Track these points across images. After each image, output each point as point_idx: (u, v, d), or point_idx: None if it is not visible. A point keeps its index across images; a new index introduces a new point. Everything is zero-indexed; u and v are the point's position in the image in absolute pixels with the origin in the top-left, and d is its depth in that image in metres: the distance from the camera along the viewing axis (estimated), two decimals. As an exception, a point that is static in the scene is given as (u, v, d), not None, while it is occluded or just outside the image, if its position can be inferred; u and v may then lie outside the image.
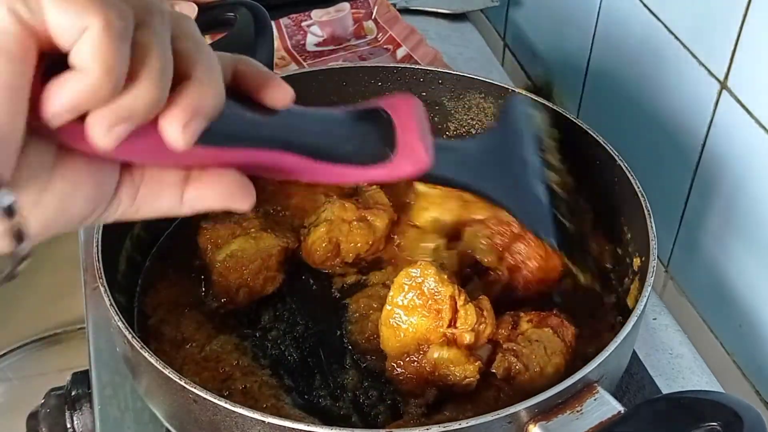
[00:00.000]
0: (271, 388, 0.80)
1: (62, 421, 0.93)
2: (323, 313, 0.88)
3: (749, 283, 0.93)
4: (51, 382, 1.02)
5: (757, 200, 0.90)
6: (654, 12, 1.01)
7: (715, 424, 0.63)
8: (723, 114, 0.92)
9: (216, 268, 0.86)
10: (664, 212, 1.04)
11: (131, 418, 0.86)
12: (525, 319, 0.79)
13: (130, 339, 0.71)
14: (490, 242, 0.84)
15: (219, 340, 0.83)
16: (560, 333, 0.78)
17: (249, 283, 0.85)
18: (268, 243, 0.88)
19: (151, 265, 0.91)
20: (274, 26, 1.33)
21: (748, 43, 0.86)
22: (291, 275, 0.90)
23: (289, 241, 0.89)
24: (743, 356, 0.95)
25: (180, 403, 0.69)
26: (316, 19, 1.37)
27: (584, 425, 0.66)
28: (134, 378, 0.79)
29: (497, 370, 0.76)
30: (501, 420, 0.65)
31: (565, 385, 0.67)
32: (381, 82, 1.02)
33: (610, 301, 0.89)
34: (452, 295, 0.75)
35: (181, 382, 0.67)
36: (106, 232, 0.81)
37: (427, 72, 1.02)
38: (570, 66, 1.25)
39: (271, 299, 0.88)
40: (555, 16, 1.29)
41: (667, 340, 0.99)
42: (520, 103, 0.84)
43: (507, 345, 0.77)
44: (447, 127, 1.05)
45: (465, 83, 1.01)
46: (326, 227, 0.89)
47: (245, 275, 0.85)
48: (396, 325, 0.76)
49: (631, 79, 1.09)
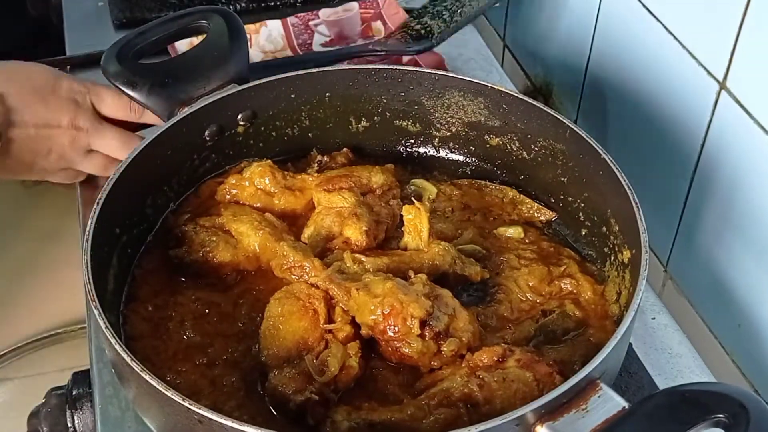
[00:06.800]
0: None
1: (63, 420, 0.94)
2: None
3: (748, 282, 0.93)
4: (52, 381, 1.02)
5: (757, 200, 0.90)
6: (653, 12, 1.01)
7: (722, 416, 0.63)
8: (722, 114, 0.92)
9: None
10: (663, 212, 1.04)
11: (132, 417, 0.87)
12: (515, 356, 0.77)
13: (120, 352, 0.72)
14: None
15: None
16: (541, 384, 0.76)
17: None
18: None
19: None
20: (281, 24, 1.33)
21: (747, 44, 0.87)
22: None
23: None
24: (742, 355, 0.95)
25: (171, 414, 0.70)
26: (324, 18, 1.36)
27: (591, 423, 0.66)
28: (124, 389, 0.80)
29: (455, 388, 0.76)
30: (509, 423, 0.66)
31: (569, 385, 0.68)
32: (359, 85, 1.02)
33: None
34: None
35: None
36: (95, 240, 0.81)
37: (405, 72, 1.02)
38: (569, 66, 1.25)
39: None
40: (554, 16, 1.29)
41: (666, 339, 1.00)
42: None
43: (480, 373, 0.76)
44: (428, 125, 1.05)
45: (443, 82, 1.01)
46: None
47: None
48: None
49: (631, 80, 1.09)
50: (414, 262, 0.87)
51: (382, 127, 1.06)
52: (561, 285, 0.89)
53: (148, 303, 0.88)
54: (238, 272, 0.90)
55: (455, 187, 1.01)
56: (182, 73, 0.98)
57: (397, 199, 0.98)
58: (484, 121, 1.01)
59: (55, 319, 2.15)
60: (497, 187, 1.01)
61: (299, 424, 0.76)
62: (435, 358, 0.79)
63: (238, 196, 0.97)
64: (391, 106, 1.04)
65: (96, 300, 0.76)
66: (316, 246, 0.91)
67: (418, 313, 0.78)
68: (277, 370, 0.78)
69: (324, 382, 0.77)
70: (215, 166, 1.00)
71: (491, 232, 0.96)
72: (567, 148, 0.94)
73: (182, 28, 1.03)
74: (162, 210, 0.96)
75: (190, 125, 0.96)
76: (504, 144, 1.01)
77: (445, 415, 0.74)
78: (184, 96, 0.97)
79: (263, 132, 1.02)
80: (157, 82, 0.97)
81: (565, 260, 0.92)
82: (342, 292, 0.82)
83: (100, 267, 0.81)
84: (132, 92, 0.97)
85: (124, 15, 1.41)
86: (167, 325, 0.85)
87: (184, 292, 0.89)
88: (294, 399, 0.76)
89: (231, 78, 0.99)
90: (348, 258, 0.86)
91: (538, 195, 1.00)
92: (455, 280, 0.88)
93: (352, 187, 0.96)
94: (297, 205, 0.97)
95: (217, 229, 0.92)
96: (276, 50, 1.33)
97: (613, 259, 0.89)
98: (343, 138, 1.06)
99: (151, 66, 1.00)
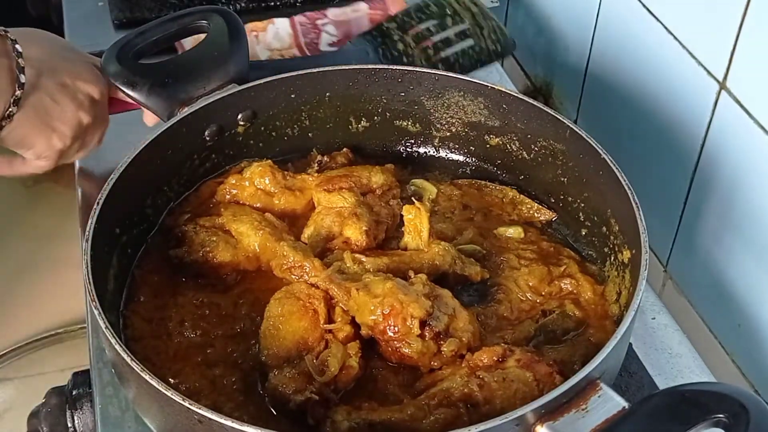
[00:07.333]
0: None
1: (63, 420, 0.93)
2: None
3: (748, 282, 0.93)
4: (52, 381, 1.02)
5: (757, 200, 0.90)
6: (653, 12, 1.01)
7: (722, 416, 0.63)
8: (722, 114, 0.92)
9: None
10: (663, 212, 1.04)
11: (132, 417, 0.86)
12: (515, 356, 0.77)
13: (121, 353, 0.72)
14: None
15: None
16: (541, 384, 0.76)
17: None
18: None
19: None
20: (289, 23, 1.33)
21: (747, 44, 0.87)
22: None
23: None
24: (742, 356, 0.95)
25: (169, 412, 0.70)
26: (332, 18, 1.35)
27: (591, 423, 0.67)
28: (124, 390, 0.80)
29: (455, 388, 0.76)
30: (509, 423, 0.66)
31: (569, 385, 0.68)
32: (359, 85, 1.02)
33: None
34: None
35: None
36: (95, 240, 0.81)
37: (405, 72, 1.02)
38: (569, 66, 1.25)
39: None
40: (554, 16, 1.29)
41: (666, 339, 1.00)
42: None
43: (480, 373, 0.76)
44: (428, 125, 1.05)
45: (443, 82, 1.01)
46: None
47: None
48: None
49: (631, 80, 1.09)
50: (414, 262, 0.87)
51: (382, 127, 1.06)
52: (561, 285, 0.89)
53: (148, 303, 0.88)
54: (238, 272, 0.90)
55: (455, 187, 1.01)
56: (182, 73, 0.98)
57: (397, 199, 0.98)
58: (484, 121, 1.01)
59: (55, 319, 2.15)
60: (497, 187, 1.01)
61: (299, 424, 0.76)
62: (435, 358, 0.79)
63: (238, 196, 0.97)
64: (391, 106, 1.04)
65: (96, 300, 0.76)
66: (316, 246, 0.91)
67: (418, 313, 0.78)
68: (277, 370, 0.78)
69: (324, 382, 0.77)
70: (215, 166, 1.00)
71: (491, 232, 0.96)
72: (567, 148, 0.94)
73: (182, 28, 1.04)
74: (162, 210, 0.96)
75: (190, 125, 0.96)
76: (504, 144, 1.01)
77: (445, 415, 0.74)
78: (184, 96, 0.97)
79: (263, 132, 1.02)
80: (157, 82, 0.97)
81: (565, 260, 0.92)
82: (342, 292, 0.82)
83: (100, 267, 0.81)
84: (132, 92, 0.97)
85: (124, 15, 1.41)
86: (167, 325, 0.85)
87: (184, 293, 0.89)
88: (294, 399, 0.76)
89: (231, 78, 0.99)
90: (348, 258, 0.86)
91: (538, 195, 1.00)
92: (455, 280, 0.88)
93: (352, 187, 0.96)
94: (297, 205, 0.97)
95: (217, 229, 0.92)
96: (283, 48, 1.33)
97: (613, 259, 0.89)
98: (343, 138, 1.06)
99: (151, 66, 1.00)
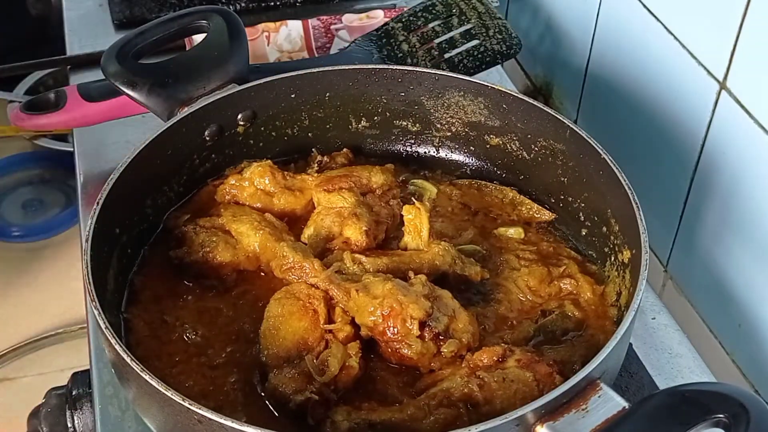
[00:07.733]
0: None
1: (63, 420, 0.94)
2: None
3: (748, 282, 0.93)
4: (52, 381, 1.02)
5: (757, 200, 0.90)
6: (653, 12, 1.01)
7: (722, 416, 0.63)
8: (722, 114, 0.92)
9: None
10: (663, 212, 1.04)
11: (132, 417, 0.87)
12: (515, 356, 0.77)
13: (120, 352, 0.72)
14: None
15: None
16: (541, 384, 0.76)
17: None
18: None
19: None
20: (301, 25, 1.32)
21: (747, 44, 0.87)
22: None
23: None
24: (743, 356, 0.95)
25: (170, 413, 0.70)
26: (347, 23, 1.33)
27: (591, 423, 0.67)
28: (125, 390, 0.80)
29: (455, 388, 0.76)
30: (509, 423, 0.66)
31: (569, 385, 0.68)
32: (359, 85, 1.02)
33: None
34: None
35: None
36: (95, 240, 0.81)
37: (405, 72, 1.02)
38: (569, 66, 1.25)
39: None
40: (555, 16, 1.29)
41: (666, 339, 1.00)
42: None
43: (480, 373, 0.76)
44: (428, 125, 1.05)
45: (443, 82, 1.01)
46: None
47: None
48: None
49: (631, 80, 1.09)
50: (414, 263, 0.87)
51: (382, 127, 1.06)
52: (561, 285, 0.89)
53: (148, 303, 0.88)
54: (238, 272, 0.90)
55: (455, 187, 1.01)
56: (182, 73, 0.98)
57: (397, 199, 0.98)
58: (484, 121, 1.01)
59: (55, 319, 2.16)
60: (497, 187, 1.01)
61: (299, 424, 0.76)
62: (434, 359, 0.79)
63: (238, 197, 0.97)
64: (391, 106, 1.04)
65: (96, 300, 0.76)
66: (316, 246, 0.91)
67: (418, 314, 0.78)
68: (277, 370, 0.78)
69: (324, 382, 0.77)
70: (215, 166, 1.00)
71: (491, 232, 0.96)
72: (567, 148, 0.94)
73: (182, 28, 1.03)
74: (162, 210, 0.96)
75: (190, 125, 0.96)
76: (504, 144, 1.01)
77: (445, 416, 0.74)
78: (184, 96, 0.97)
79: (263, 132, 1.02)
80: (157, 82, 0.97)
81: (565, 260, 0.92)
82: (342, 292, 0.82)
83: (100, 267, 0.81)
84: (132, 92, 0.97)
85: (124, 15, 1.41)
86: (167, 325, 0.85)
87: (184, 293, 0.89)
88: (294, 399, 0.76)
89: (231, 78, 0.99)
90: (348, 258, 0.86)
91: (538, 195, 1.00)
92: (455, 280, 0.88)
93: (352, 187, 0.96)
94: (297, 206, 0.97)
95: (217, 230, 0.92)
96: (293, 50, 1.32)
97: (613, 259, 0.89)
98: (343, 138, 1.06)
99: (151, 66, 1.00)
